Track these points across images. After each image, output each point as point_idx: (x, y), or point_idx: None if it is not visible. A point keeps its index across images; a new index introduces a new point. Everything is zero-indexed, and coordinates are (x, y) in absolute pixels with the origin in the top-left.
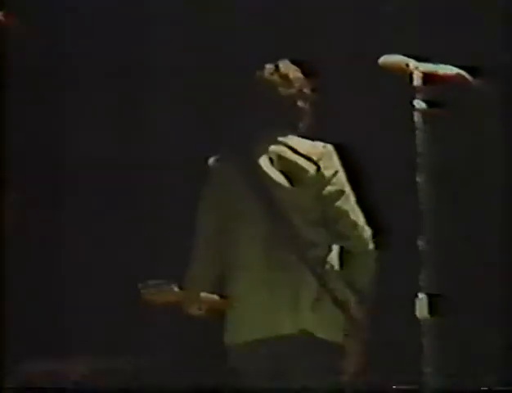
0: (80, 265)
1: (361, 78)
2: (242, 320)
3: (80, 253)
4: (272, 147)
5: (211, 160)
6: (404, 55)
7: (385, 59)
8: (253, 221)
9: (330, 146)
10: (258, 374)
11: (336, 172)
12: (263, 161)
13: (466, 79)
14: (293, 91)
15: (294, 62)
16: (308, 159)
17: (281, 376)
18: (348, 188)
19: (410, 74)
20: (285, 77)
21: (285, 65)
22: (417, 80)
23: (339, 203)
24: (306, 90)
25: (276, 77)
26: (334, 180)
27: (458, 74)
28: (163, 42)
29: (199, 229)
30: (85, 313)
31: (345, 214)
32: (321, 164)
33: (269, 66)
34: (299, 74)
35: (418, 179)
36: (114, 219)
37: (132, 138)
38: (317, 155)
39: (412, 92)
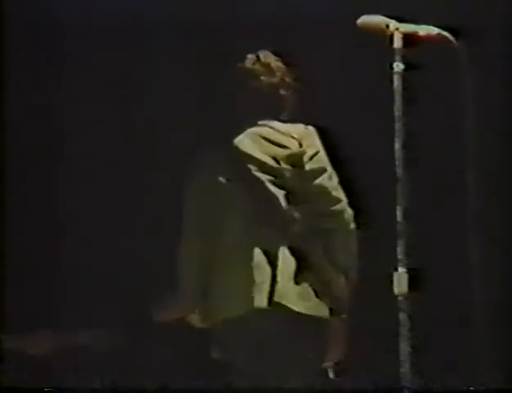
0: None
1: (340, 41)
2: (223, 298)
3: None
4: (254, 129)
5: (196, 152)
6: (384, 15)
7: (364, 20)
8: (236, 200)
9: (311, 128)
10: (239, 356)
11: (318, 151)
12: (245, 142)
13: (448, 39)
14: (275, 80)
15: (275, 53)
16: (290, 137)
17: (263, 354)
18: (330, 167)
19: (391, 36)
20: (266, 66)
21: (266, 55)
22: (397, 42)
23: (320, 180)
24: (288, 79)
25: (257, 66)
26: (316, 158)
27: (439, 35)
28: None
29: (187, 219)
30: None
31: (327, 191)
32: (303, 143)
33: (250, 56)
34: (280, 64)
35: (395, 146)
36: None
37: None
38: (299, 134)
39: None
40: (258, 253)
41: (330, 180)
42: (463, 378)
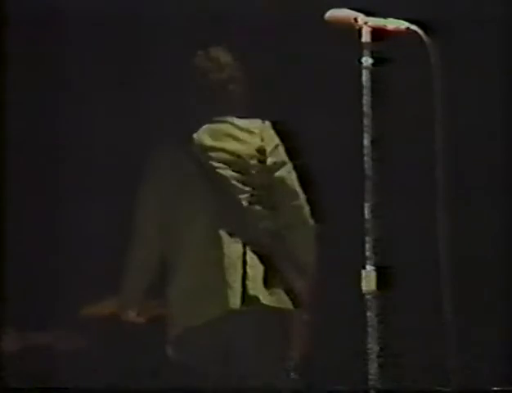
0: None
1: (307, 35)
2: (189, 303)
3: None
4: (214, 125)
5: (151, 152)
6: (352, 9)
7: (332, 13)
8: (197, 197)
9: (268, 122)
10: (202, 361)
11: (277, 145)
12: (206, 138)
13: (418, 34)
14: (224, 75)
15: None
16: (251, 133)
17: (229, 356)
18: (288, 161)
19: (359, 30)
20: (216, 62)
21: (216, 51)
22: (366, 36)
23: (280, 173)
24: (238, 74)
25: (207, 63)
26: (276, 152)
27: (408, 29)
28: None
29: (139, 218)
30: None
31: (287, 185)
32: (264, 137)
33: (200, 52)
34: (230, 59)
35: (364, 142)
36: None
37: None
38: (258, 128)
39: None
40: (230, 253)
41: (288, 173)
42: (432, 379)
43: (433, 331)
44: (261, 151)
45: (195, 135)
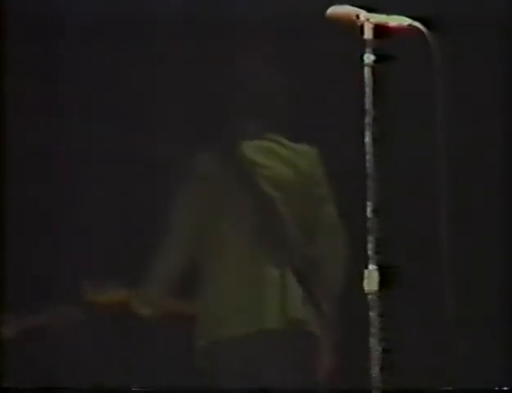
0: None
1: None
2: (221, 316)
3: None
4: (262, 142)
5: (197, 158)
6: (353, 5)
7: (333, 10)
8: (239, 215)
9: (314, 149)
10: (228, 373)
11: (321, 175)
12: (252, 154)
13: (420, 30)
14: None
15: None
16: (298, 155)
17: (254, 371)
18: (331, 195)
19: (361, 27)
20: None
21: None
22: (368, 33)
23: (323, 209)
24: (280, 85)
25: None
26: (320, 183)
27: (411, 26)
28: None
29: (173, 225)
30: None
31: (327, 220)
32: (310, 164)
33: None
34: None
35: (366, 140)
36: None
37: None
38: (306, 153)
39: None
40: (271, 273)
41: (330, 208)
42: (434, 379)
43: (435, 331)
44: (306, 177)
45: (242, 148)
